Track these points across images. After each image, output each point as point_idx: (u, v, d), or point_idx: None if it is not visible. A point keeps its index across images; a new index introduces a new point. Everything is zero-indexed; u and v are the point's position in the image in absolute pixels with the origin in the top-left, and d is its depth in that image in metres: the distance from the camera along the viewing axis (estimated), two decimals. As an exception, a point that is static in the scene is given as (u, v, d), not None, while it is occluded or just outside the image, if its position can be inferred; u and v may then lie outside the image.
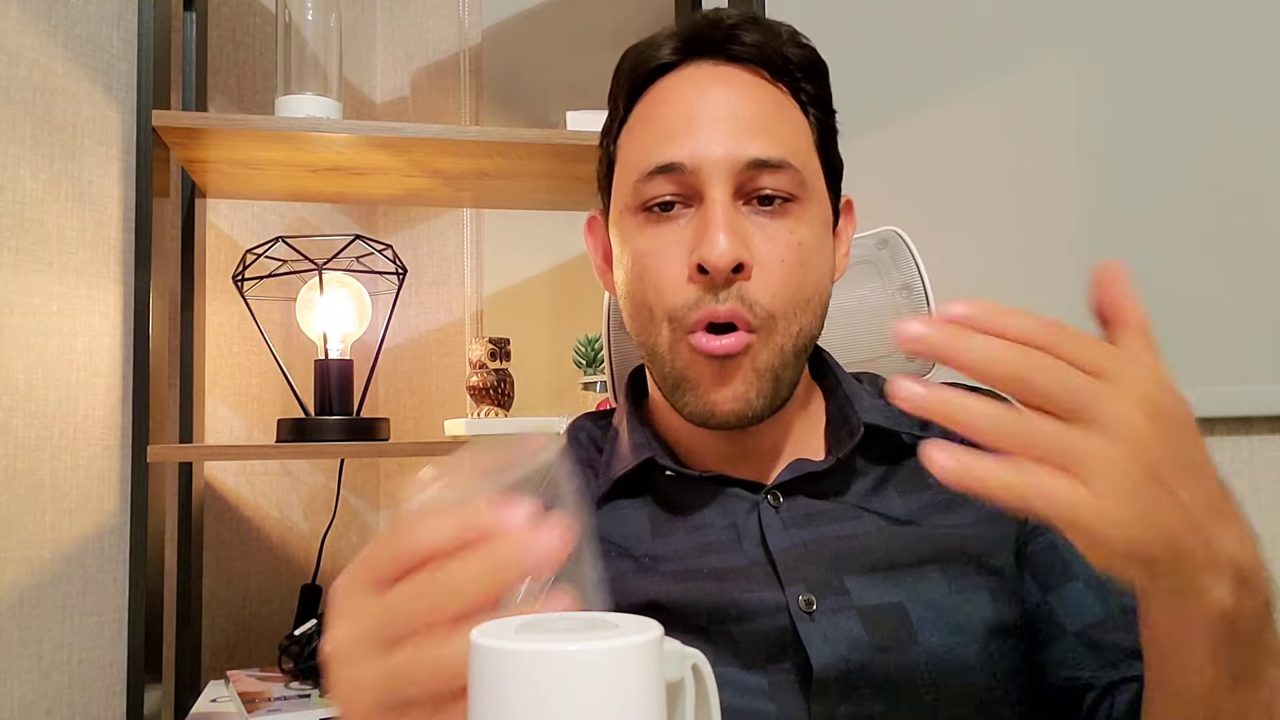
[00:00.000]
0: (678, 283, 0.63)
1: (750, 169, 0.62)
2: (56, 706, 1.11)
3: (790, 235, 0.63)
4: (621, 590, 0.64)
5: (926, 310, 0.90)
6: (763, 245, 0.62)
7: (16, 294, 1.10)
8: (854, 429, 0.68)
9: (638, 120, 0.67)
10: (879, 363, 0.90)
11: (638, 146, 0.66)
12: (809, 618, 0.61)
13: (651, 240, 0.64)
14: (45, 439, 1.12)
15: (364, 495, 1.62)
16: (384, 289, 1.37)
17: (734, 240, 0.60)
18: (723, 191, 0.62)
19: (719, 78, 0.65)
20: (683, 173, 0.62)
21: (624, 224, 0.67)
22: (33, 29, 1.13)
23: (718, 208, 0.61)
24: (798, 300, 0.63)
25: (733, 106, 0.63)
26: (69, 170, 1.16)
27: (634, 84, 0.68)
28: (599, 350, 1.35)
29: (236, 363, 1.43)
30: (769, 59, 0.65)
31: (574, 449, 0.75)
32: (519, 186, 1.37)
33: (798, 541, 0.64)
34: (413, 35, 1.71)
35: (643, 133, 0.66)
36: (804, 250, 0.63)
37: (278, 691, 1.17)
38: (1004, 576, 0.65)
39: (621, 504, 0.69)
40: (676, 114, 0.64)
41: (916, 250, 0.91)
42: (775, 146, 0.63)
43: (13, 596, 1.08)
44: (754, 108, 0.64)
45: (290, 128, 1.14)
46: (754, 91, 0.65)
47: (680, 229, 0.63)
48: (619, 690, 0.33)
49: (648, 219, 0.65)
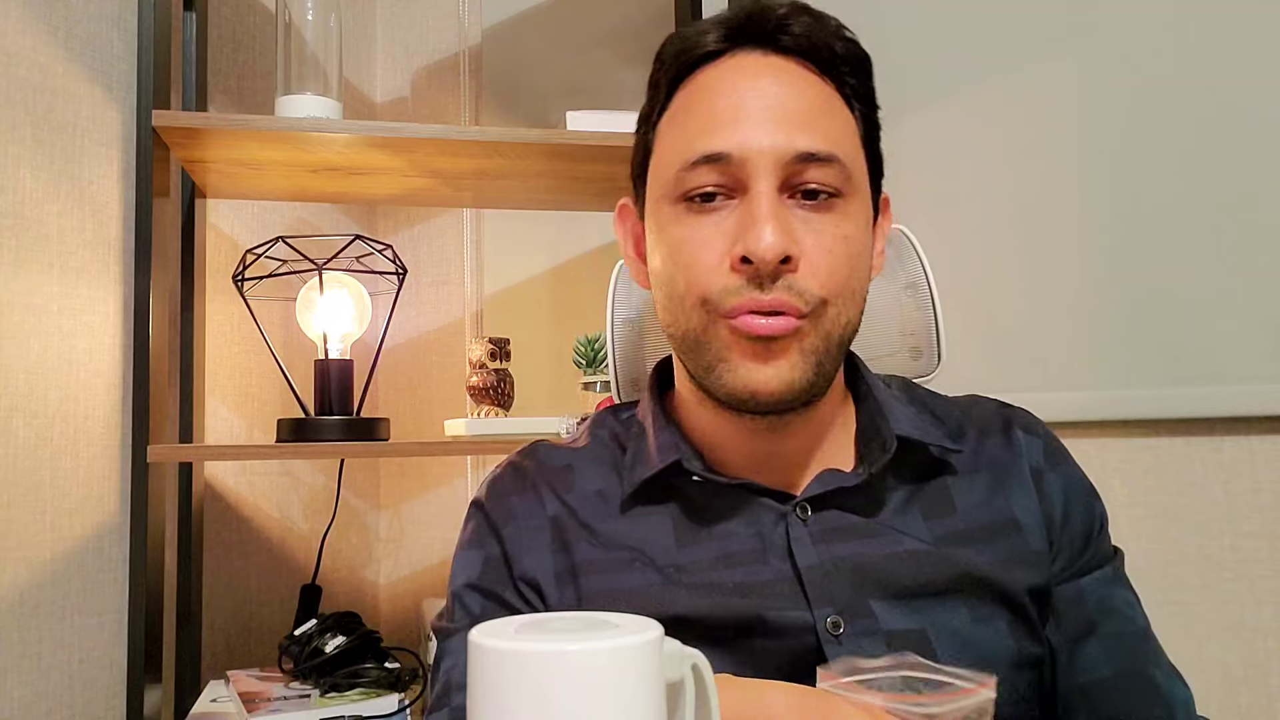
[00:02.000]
0: (716, 271, 0.61)
1: (798, 162, 0.61)
2: (56, 706, 1.11)
3: (836, 229, 0.62)
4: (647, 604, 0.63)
5: (931, 308, 0.90)
6: (808, 238, 0.61)
7: (16, 294, 1.10)
8: (886, 443, 0.66)
9: (681, 108, 0.66)
10: (883, 361, 0.90)
11: (680, 135, 0.65)
12: (836, 640, 0.61)
13: (691, 230, 0.63)
14: (45, 439, 1.12)
15: (364, 495, 1.62)
16: (384, 289, 1.37)
17: (781, 233, 0.59)
18: (769, 184, 0.61)
19: (767, 68, 0.63)
20: (729, 163, 0.61)
21: (661, 213, 0.66)
22: (33, 29, 1.13)
23: (764, 200, 0.60)
24: (846, 291, 0.62)
25: (781, 98, 0.62)
26: (69, 170, 1.16)
27: (679, 70, 0.66)
28: (599, 350, 1.35)
29: (236, 363, 1.43)
30: (817, 52, 0.64)
31: (595, 446, 0.74)
32: (519, 186, 1.37)
33: (825, 558, 0.64)
34: (413, 35, 1.71)
35: (686, 121, 0.65)
36: (850, 244, 0.62)
37: (278, 691, 1.17)
38: (1025, 613, 0.65)
39: (646, 509, 0.68)
40: (724, 103, 0.63)
41: (922, 249, 0.91)
42: (823, 140, 0.62)
43: (13, 596, 1.08)
44: (802, 100, 0.62)
45: (290, 128, 1.13)
46: (802, 84, 0.63)
47: (722, 220, 0.62)
48: (619, 690, 0.33)
49: (688, 209, 0.63)
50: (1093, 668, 0.64)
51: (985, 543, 0.65)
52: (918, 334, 0.90)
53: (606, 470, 0.71)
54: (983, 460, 0.69)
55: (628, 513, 0.68)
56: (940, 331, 0.90)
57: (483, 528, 0.70)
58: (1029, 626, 0.64)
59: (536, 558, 0.67)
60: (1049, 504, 0.68)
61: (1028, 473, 0.68)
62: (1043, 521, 0.67)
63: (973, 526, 0.66)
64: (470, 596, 0.68)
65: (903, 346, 0.91)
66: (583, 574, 0.66)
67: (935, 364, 0.91)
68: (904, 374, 0.90)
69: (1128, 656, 0.65)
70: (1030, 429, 0.71)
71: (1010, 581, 0.64)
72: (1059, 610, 0.66)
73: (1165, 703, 0.64)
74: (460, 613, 0.68)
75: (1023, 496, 0.67)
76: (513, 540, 0.68)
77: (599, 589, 0.65)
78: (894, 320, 0.91)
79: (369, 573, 1.61)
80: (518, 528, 0.69)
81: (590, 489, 0.70)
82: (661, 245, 0.65)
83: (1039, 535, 0.66)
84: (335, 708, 1.12)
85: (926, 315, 0.90)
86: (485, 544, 0.70)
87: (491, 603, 0.67)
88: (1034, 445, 0.70)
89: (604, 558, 0.66)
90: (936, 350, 0.90)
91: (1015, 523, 0.67)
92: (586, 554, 0.67)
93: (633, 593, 0.64)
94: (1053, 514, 0.67)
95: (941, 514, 0.66)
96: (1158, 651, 0.67)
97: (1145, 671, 0.65)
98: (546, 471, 0.72)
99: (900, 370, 0.90)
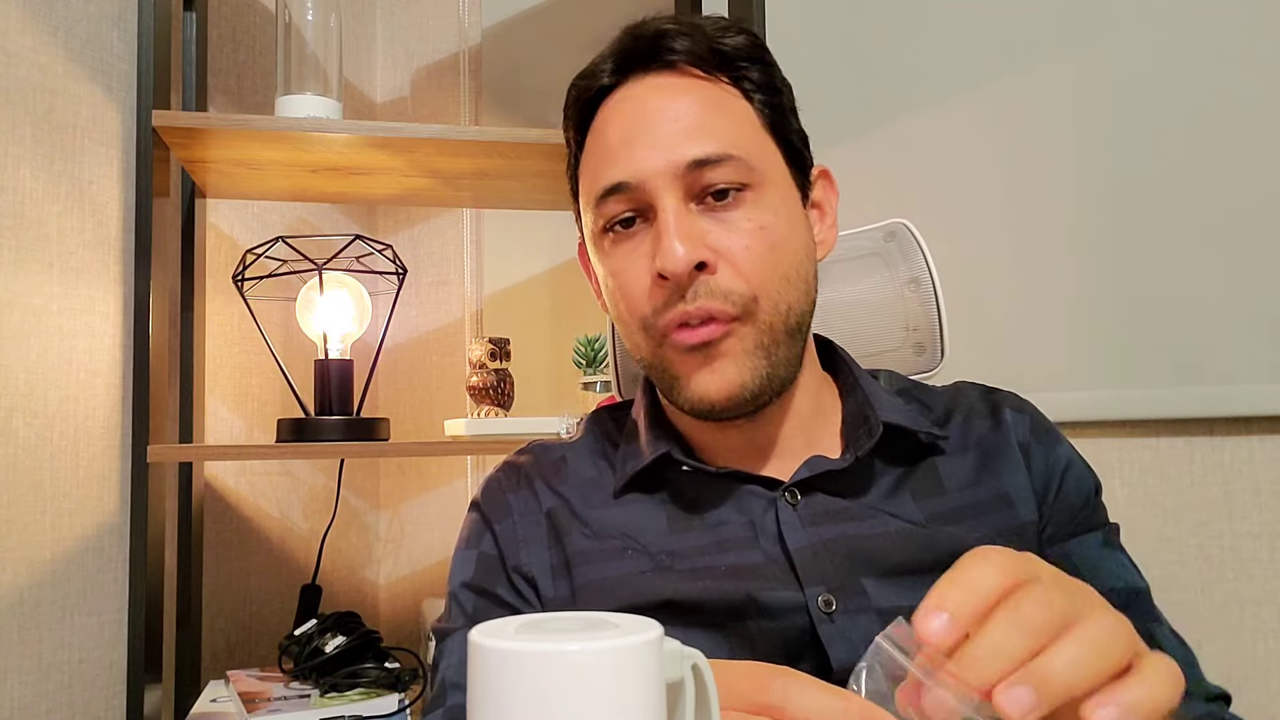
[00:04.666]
0: (646, 293, 0.64)
1: (692, 169, 0.63)
2: (56, 706, 1.11)
3: (750, 222, 0.63)
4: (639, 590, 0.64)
5: (935, 303, 0.90)
6: (724, 238, 0.63)
7: (16, 294, 1.10)
8: (873, 428, 0.67)
9: (590, 148, 0.69)
10: (886, 356, 0.90)
11: (590, 174, 0.68)
12: (828, 619, 0.61)
13: (618, 260, 0.66)
14: (45, 439, 1.12)
15: (364, 495, 1.62)
16: (384, 289, 1.38)
17: (688, 243, 0.61)
18: (671, 198, 0.63)
19: (655, 88, 0.66)
20: (629, 189, 0.64)
21: (596, 248, 0.69)
22: (33, 29, 1.13)
23: (668, 215, 0.62)
24: (776, 279, 0.64)
25: (667, 114, 0.64)
26: (69, 170, 1.16)
27: (580, 114, 0.70)
28: (599, 350, 1.35)
29: (236, 363, 1.43)
30: (700, 57, 0.66)
31: (589, 440, 0.76)
32: (519, 186, 1.37)
33: (815, 540, 0.64)
34: (413, 35, 1.71)
35: (591, 160, 0.68)
36: (769, 233, 0.64)
37: (278, 691, 1.17)
38: None
39: (638, 498, 0.70)
40: (617, 135, 0.65)
41: (924, 243, 0.91)
42: (713, 142, 0.63)
43: (13, 596, 1.08)
44: (689, 110, 0.64)
45: (290, 128, 1.14)
46: (689, 94, 0.65)
47: (640, 242, 0.65)
48: (619, 690, 0.33)
49: (614, 239, 0.66)
50: None
51: (976, 519, 0.66)
52: (920, 329, 0.90)
53: (600, 461, 0.74)
54: (970, 440, 0.70)
55: (620, 500, 0.70)
56: (943, 327, 0.90)
57: (478, 525, 0.72)
58: None
59: (531, 552, 0.69)
60: (1038, 476, 0.68)
61: (1016, 449, 0.69)
62: (1033, 494, 0.68)
63: (963, 505, 0.67)
64: (465, 595, 0.69)
65: (905, 342, 0.91)
66: (575, 566, 0.67)
67: (939, 359, 0.91)
68: (907, 370, 0.90)
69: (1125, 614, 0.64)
70: (1018, 407, 0.72)
71: None
72: None
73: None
74: (456, 612, 0.70)
75: (1012, 472, 0.68)
76: (507, 535, 0.70)
77: (592, 579, 0.66)
78: (897, 315, 0.91)
79: (369, 573, 1.61)
80: (512, 523, 0.70)
81: (583, 477, 0.72)
82: (604, 278, 0.69)
83: (1029, 507, 0.67)
84: (335, 708, 1.12)
85: (930, 310, 0.90)
86: (480, 542, 0.71)
87: (485, 600, 0.69)
88: (1021, 421, 0.71)
89: (596, 547, 0.67)
90: (940, 345, 0.90)
91: (1006, 497, 0.67)
92: (579, 545, 0.68)
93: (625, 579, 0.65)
94: (1041, 485, 0.68)
95: (931, 494, 0.67)
96: (1157, 610, 0.67)
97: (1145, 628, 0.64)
98: (541, 467, 0.73)
99: (903, 366, 0.90)
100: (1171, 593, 1.24)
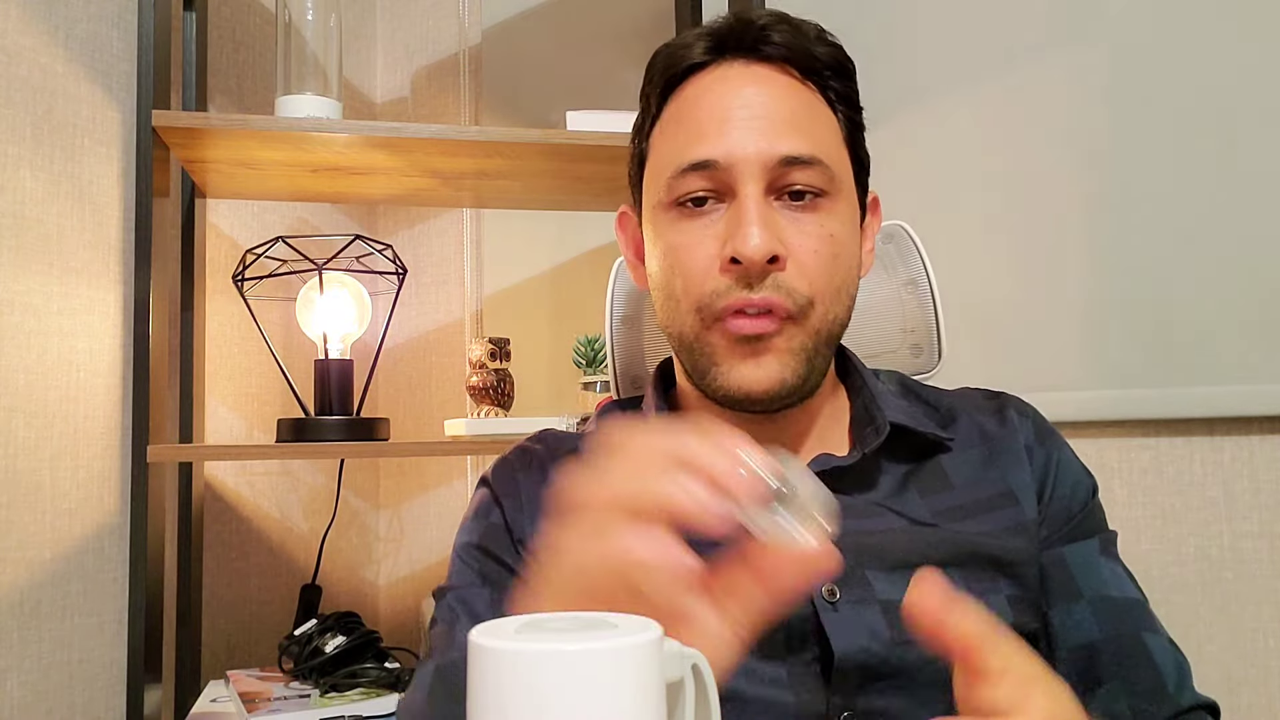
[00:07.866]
0: (708, 272, 0.64)
1: (782, 165, 0.63)
2: (56, 706, 1.11)
3: (821, 228, 0.64)
4: None
5: (932, 305, 0.90)
6: (795, 238, 0.64)
7: (16, 294, 1.10)
8: (879, 427, 0.68)
9: (671, 118, 0.69)
10: (883, 358, 0.90)
11: (671, 144, 0.67)
12: (832, 608, 0.61)
13: (684, 234, 0.66)
14: (45, 439, 1.12)
15: (364, 495, 1.62)
16: (384, 289, 1.37)
17: (768, 233, 0.62)
18: (755, 187, 0.63)
19: (751, 77, 0.66)
20: (717, 169, 0.64)
21: (657, 218, 0.68)
22: (33, 29, 1.13)
23: (750, 202, 0.63)
24: (832, 289, 0.65)
25: (765, 105, 0.65)
26: (69, 170, 1.16)
27: (667, 82, 0.69)
28: (599, 350, 1.35)
29: (236, 363, 1.43)
30: (799, 58, 0.67)
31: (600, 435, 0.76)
32: (519, 186, 1.37)
33: None
34: (413, 35, 1.71)
35: (676, 130, 0.68)
36: (836, 243, 0.65)
37: (278, 691, 1.17)
38: (1025, 585, 0.66)
39: None
40: (710, 112, 0.65)
41: (922, 245, 0.91)
42: (806, 143, 0.64)
43: (13, 596, 1.08)
44: (785, 106, 0.65)
45: (290, 128, 1.14)
46: (785, 90, 0.66)
47: (713, 223, 0.65)
48: (619, 690, 0.33)
49: (681, 213, 0.66)
50: (1080, 630, 0.65)
51: (983, 514, 0.67)
52: (918, 331, 0.90)
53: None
54: (975, 436, 0.71)
55: None
56: (940, 328, 0.90)
57: (486, 500, 0.72)
58: (1029, 599, 0.66)
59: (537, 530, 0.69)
60: (1039, 476, 0.70)
61: (1021, 449, 0.70)
62: (1035, 492, 0.69)
63: (970, 500, 0.68)
64: (470, 554, 0.69)
65: (903, 344, 0.91)
66: None
67: (936, 361, 0.91)
68: (904, 371, 0.90)
69: (1116, 620, 0.65)
70: (1022, 410, 0.74)
71: (1010, 551, 0.65)
72: (1045, 576, 0.67)
73: (1156, 667, 0.64)
74: (460, 567, 0.69)
75: (1016, 469, 0.69)
76: (514, 511, 0.70)
77: None
78: (894, 317, 0.91)
79: (369, 573, 1.61)
80: (520, 500, 0.71)
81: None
82: (658, 250, 0.68)
83: (1032, 505, 0.68)
84: (335, 708, 1.12)
85: (927, 312, 0.90)
86: (489, 514, 0.71)
87: (491, 561, 0.68)
88: (1026, 424, 0.72)
89: None
90: (937, 347, 0.91)
91: (1010, 494, 0.68)
92: None
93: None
94: (1041, 485, 0.69)
95: (939, 490, 0.68)
96: (1153, 620, 0.67)
97: (1137, 635, 0.65)
98: (554, 453, 0.74)
99: (901, 367, 0.90)
100: (1171, 593, 1.24)
